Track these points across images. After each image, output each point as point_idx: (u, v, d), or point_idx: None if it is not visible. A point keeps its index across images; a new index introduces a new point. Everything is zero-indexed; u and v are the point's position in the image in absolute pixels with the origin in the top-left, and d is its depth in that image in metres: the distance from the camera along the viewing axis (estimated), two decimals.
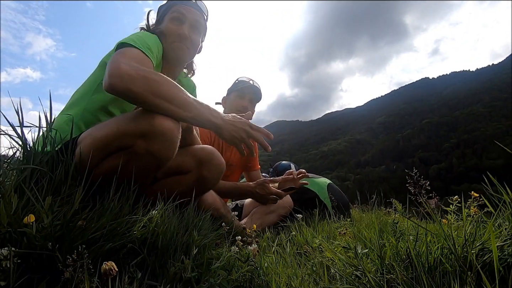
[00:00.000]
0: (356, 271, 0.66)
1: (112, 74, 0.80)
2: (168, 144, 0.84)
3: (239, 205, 2.13)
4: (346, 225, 1.15)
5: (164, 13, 1.21)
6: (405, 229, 0.83)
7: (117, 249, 0.69)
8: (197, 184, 1.04)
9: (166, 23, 1.17)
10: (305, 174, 1.81)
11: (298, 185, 1.81)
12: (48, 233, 0.52)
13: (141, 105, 0.83)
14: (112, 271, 0.38)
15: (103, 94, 1.02)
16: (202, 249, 0.74)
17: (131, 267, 0.66)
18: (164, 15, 1.20)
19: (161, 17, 1.21)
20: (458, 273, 0.57)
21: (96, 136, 0.85)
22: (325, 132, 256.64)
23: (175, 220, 0.79)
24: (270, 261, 0.74)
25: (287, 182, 1.79)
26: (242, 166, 2.08)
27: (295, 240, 1.14)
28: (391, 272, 0.62)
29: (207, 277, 0.61)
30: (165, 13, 1.20)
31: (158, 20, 1.22)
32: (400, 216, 0.88)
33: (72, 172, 0.77)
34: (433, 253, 0.64)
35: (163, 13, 1.21)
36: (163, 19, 1.20)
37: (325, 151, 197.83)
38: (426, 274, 0.60)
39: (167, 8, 1.20)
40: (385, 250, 0.72)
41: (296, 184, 1.80)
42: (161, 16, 1.21)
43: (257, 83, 1.94)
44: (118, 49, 0.92)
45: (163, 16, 1.20)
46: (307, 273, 0.71)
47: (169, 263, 0.68)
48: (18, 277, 0.49)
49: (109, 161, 0.84)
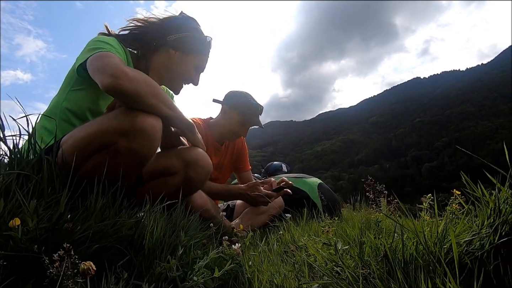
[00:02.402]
0: (336, 266, 0.69)
1: (117, 75, 0.82)
2: (150, 141, 0.87)
3: (231, 205, 2.15)
4: (332, 223, 1.18)
5: (193, 47, 1.22)
6: (387, 227, 0.87)
7: (104, 250, 0.70)
8: (184, 185, 1.05)
9: (187, 61, 1.21)
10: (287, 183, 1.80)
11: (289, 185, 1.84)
12: (34, 236, 0.54)
13: (138, 104, 0.86)
14: (90, 271, 0.40)
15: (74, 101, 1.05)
16: (188, 249, 0.76)
17: (118, 267, 0.68)
18: (192, 50, 1.22)
19: (188, 46, 1.20)
20: (430, 267, 0.60)
21: (78, 136, 0.86)
22: (319, 132, 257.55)
23: (163, 222, 0.81)
24: (254, 259, 0.76)
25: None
26: (232, 167, 2.08)
27: (282, 239, 1.16)
28: (369, 268, 0.65)
29: (192, 276, 0.63)
30: (194, 50, 1.22)
31: (187, 44, 1.20)
32: (381, 215, 0.92)
33: (57, 174, 0.78)
34: (408, 249, 0.68)
35: (192, 46, 1.21)
36: (188, 50, 1.21)
37: (319, 151, 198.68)
38: (402, 269, 0.63)
39: (197, 47, 1.22)
40: (365, 246, 0.75)
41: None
42: (188, 46, 1.21)
43: (262, 107, 1.89)
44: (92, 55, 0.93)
45: (190, 48, 1.21)
46: (290, 270, 0.73)
47: (155, 263, 0.70)
48: (4, 279, 0.50)
49: (93, 161, 0.85)
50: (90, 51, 0.94)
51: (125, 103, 0.87)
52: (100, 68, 0.87)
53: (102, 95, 1.08)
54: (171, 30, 1.18)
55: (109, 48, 0.96)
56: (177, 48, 1.19)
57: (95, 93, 1.06)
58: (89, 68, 0.91)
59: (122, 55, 1.03)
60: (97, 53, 0.92)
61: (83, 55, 0.96)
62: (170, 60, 1.20)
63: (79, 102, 1.05)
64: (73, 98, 1.05)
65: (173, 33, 1.18)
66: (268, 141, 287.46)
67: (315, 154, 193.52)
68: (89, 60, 0.91)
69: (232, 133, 1.86)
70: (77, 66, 0.97)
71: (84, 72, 0.95)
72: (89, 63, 0.91)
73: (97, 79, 0.86)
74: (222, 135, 1.89)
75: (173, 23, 1.20)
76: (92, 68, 0.90)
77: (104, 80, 0.83)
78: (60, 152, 0.85)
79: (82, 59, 0.94)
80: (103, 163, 0.83)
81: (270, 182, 1.75)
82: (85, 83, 1.03)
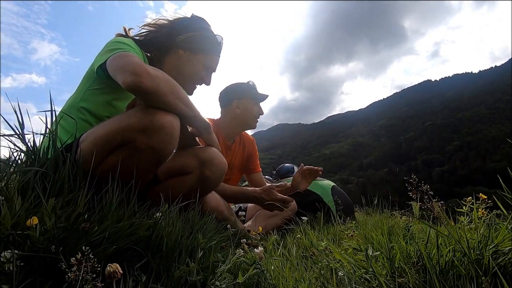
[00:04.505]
0: (366, 274, 0.64)
1: (139, 73, 0.82)
2: (168, 138, 0.86)
3: (243, 208, 2.12)
4: (353, 227, 1.13)
5: (201, 46, 1.21)
6: (415, 233, 0.82)
7: (121, 252, 0.68)
8: (200, 185, 1.04)
9: (196, 61, 1.21)
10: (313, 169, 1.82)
11: (304, 188, 1.81)
12: (51, 235, 0.51)
13: (158, 103, 0.86)
14: (116, 274, 0.37)
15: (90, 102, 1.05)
16: (207, 252, 0.73)
17: (136, 270, 0.65)
18: (201, 49, 1.21)
19: (196, 45, 1.20)
20: (472, 276, 0.55)
21: (98, 134, 0.86)
22: (327, 135, 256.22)
23: (180, 223, 0.78)
24: (276, 264, 0.72)
25: (298, 181, 1.80)
26: (242, 168, 2.06)
27: (300, 243, 1.12)
28: (402, 275, 0.60)
29: (213, 281, 0.59)
30: (203, 49, 1.21)
31: (195, 43, 1.20)
32: (408, 219, 0.86)
33: (76, 172, 0.76)
34: (444, 255, 0.63)
35: (201, 45, 1.21)
36: (197, 49, 1.20)
37: (327, 154, 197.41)
38: (439, 277, 0.58)
39: (206, 46, 1.22)
40: (394, 252, 0.70)
41: (306, 184, 1.81)
42: (196, 45, 1.20)
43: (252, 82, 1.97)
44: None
45: (199, 47, 1.21)
46: (314, 277, 0.69)
47: (174, 266, 0.67)
48: (21, 280, 0.48)
49: (112, 158, 0.84)
50: (109, 51, 0.94)
51: (145, 101, 0.87)
52: (121, 67, 0.87)
53: (119, 95, 1.08)
54: (180, 30, 1.18)
55: (127, 49, 0.96)
56: (186, 48, 1.19)
57: (113, 93, 1.06)
58: (110, 67, 0.91)
59: (140, 55, 1.03)
60: (117, 53, 0.92)
61: (102, 56, 0.97)
62: (180, 60, 1.20)
63: (97, 101, 1.05)
64: (91, 98, 1.04)
65: (182, 34, 1.17)
66: (276, 144, 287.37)
67: (323, 157, 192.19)
68: (109, 60, 0.91)
69: (254, 118, 1.90)
70: (96, 67, 0.97)
71: (103, 72, 0.95)
72: (110, 62, 0.91)
73: (119, 78, 0.86)
74: (235, 129, 1.92)
75: (182, 23, 1.20)
76: (113, 68, 0.90)
77: (126, 78, 0.83)
78: (79, 150, 0.85)
79: (102, 60, 0.95)
80: (122, 160, 0.82)
81: (286, 186, 1.71)
82: (103, 83, 1.03)
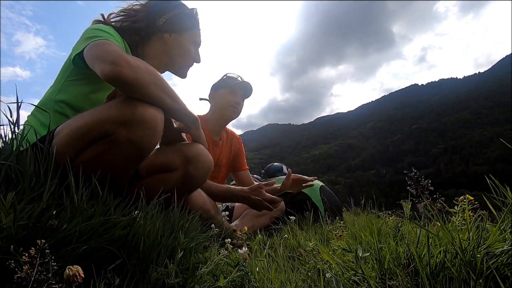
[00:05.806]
0: (355, 276, 0.61)
1: (118, 62, 0.77)
2: (151, 132, 0.81)
3: (230, 206, 2.08)
4: (341, 227, 1.11)
5: (184, 25, 1.17)
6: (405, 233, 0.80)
7: (94, 252, 0.62)
8: (184, 182, 0.99)
9: (184, 41, 1.17)
10: (303, 178, 1.80)
11: (298, 190, 1.80)
12: (9, 234, 0.46)
13: (140, 94, 0.81)
14: (76, 277, 0.32)
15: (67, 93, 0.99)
16: (188, 252, 0.68)
17: (109, 272, 0.60)
18: (184, 27, 1.17)
19: (179, 25, 1.15)
20: (464, 278, 0.53)
21: (74, 126, 0.80)
22: (317, 136, 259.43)
23: (160, 221, 0.73)
24: (262, 265, 0.69)
25: (288, 186, 1.77)
26: (229, 166, 2.04)
27: (287, 243, 1.09)
28: (393, 278, 0.57)
29: (193, 284, 0.55)
30: (186, 27, 1.17)
31: (178, 24, 1.15)
32: (398, 219, 0.84)
33: (47, 166, 0.70)
34: (435, 257, 0.61)
35: (183, 24, 1.16)
36: (181, 29, 1.16)
37: (317, 155, 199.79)
38: (429, 279, 0.56)
39: (188, 23, 1.18)
40: (384, 253, 0.68)
41: (297, 189, 1.80)
42: (179, 25, 1.15)
43: (246, 79, 1.92)
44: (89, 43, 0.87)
45: (182, 26, 1.16)
46: (301, 279, 0.66)
47: (151, 268, 0.62)
48: None
49: (89, 151, 0.78)
50: (87, 39, 0.88)
51: (126, 93, 0.81)
52: (99, 56, 0.81)
53: (99, 87, 1.02)
54: (158, 13, 1.13)
55: (106, 36, 0.90)
56: (171, 31, 1.14)
57: (92, 84, 1.00)
58: (87, 57, 0.85)
59: (120, 44, 0.97)
60: (95, 41, 0.86)
61: (79, 44, 0.90)
62: (168, 45, 1.15)
63: (75, 93, 0.98)
64: (69, 90, 0.98)
65: (160, 16, 1.12)
66: (266, 144, 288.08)
67: (313, 157, 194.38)
68: (87, 48, 0.85)
69: (229, 107, 1.85)
70: (73, 56, 0.91)
71: (81, 62, 0.89)
72: (87, 51, 0.85)
73: (97, 67, 0.81)
74: (218, 122, 1.90)
75: (158, 6, 1.15)
76: (91, 57, 0.84)
77: (104, 68, 0.77)
78: (54, 142, 0.79)
79: (79, 48, 0.88)
80: (100, 154, 0.77)
81: (274, 183, 1.68)
82: (81, 74, 0.97)
